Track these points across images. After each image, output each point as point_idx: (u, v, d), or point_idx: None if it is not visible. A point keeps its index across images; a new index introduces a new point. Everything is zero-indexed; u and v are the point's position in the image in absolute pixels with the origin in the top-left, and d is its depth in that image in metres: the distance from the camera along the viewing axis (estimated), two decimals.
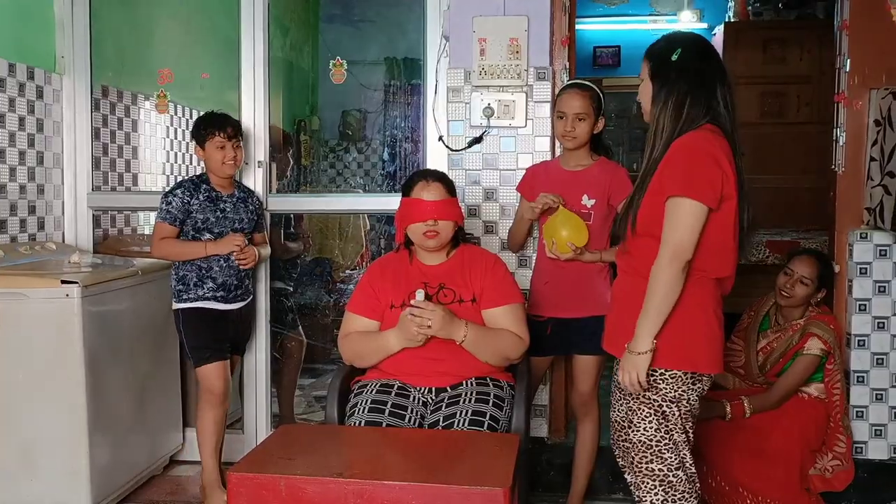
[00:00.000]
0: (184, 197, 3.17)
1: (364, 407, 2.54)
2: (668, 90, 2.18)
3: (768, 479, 3.03)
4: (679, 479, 2.24)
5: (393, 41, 5.18)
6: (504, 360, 2.67)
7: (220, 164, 3.20)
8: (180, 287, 3.20)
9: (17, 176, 3.47)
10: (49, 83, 3.66)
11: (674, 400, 2.21)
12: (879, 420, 3.29)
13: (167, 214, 3.17)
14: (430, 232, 2.65)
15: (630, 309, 2.21)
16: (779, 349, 3.19)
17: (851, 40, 3.25)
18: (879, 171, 3.16)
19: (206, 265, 3.19)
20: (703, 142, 2.13)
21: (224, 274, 3.21)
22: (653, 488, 2.25)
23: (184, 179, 3.28)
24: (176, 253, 3.18)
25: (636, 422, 2.25)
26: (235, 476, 2.00)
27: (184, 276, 3.19)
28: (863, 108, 3.24)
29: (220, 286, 3.20)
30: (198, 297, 3.19)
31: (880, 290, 3.26)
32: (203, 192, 3.21)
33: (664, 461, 2.23)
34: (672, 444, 2.23)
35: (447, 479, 1.99)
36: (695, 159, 2.11)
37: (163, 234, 3.17)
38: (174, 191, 3.19)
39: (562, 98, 2.94)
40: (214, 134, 3.19)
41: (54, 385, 2.98)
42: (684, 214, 2.10)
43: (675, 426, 2.23)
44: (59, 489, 3.00)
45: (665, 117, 2.18)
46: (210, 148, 3.20)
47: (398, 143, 5.15)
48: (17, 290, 2.96)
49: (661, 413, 2.22)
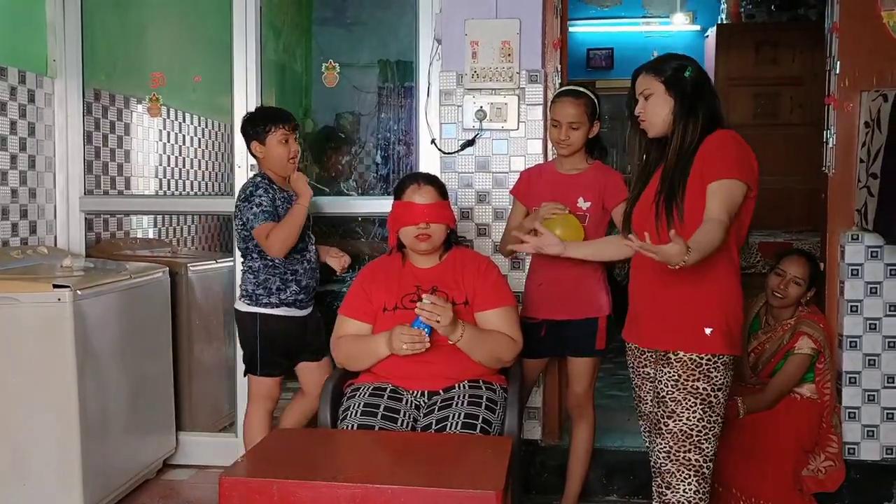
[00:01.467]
0: (268, 195, 2.97)
1: (357, 410, 2.54)
2: (690, 103, 2.34)
3: (761, 480, 3.04)
4: (710, 471, 2.35)
5: (385, 44, 5.17)
6: (497, 361, 2.67)
7: (285, 161, 3.03)
8: (260, 292, 3.04)
9: (8, 180, 3.46)
10: (41, 86, 3.65)
11: (721, 387, 2.32)
12: (872, 421, 3.29)
13: (263, 214, 2.93)
14: (422, 235, 2.65)
15: (689, 302, 2.30)
16: (770, 349, 3.20)
17: (842, 43, 3.26)
18: (866, 172, 3.17)
19: (291, 268, 3.05)
20: (742, 138, 2.35)
21: (307, 276, 3.09)
22: (687, 478, 2.32)
23: (250, 182, 3.05)
24: (290, 233, 2.93)
25: (679, 411, 2.31)
26: (227, 481, 2.00)
27: (266, 279, 3.03)
28: (853, 110, 3.26)
29: (303, 289, 3.08)
30: (280, 301, 3.04)
31: (872, 291, 3.27)
32: (278, 191, 3.03)
33: (702, 451, 2.32)
34: (711, 436, 2.33)
35: (440, 482, 1.98)
36: (742, 147, 2.32)
37: (268, 232, 2.93)
38: (255, 192, 2.97)
39: (555, 106, 2.95)
40: (279, 127, 3.02)
41: (46, 389, 2.97)
42: (733, 189, 2.25)
43: (717, 416, 2.33)
44: (52, 493, 3.00)
45: (689, 126, 2.33)
46: (272, 143, 3.02)
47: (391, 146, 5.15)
48: (9, 294, 2.95)
49: (708, 402, 2.31)
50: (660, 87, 2.37)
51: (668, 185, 2.33)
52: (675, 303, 2.33)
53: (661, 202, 2.32)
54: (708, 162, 2.28)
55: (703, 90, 2.38)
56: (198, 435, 3.79)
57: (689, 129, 2.34)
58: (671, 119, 2.36)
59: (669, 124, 2.37)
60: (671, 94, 2.36)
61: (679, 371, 2.31)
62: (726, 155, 2.28)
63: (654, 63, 2.43)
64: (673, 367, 2.32)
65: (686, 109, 2.34)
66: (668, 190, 2.32)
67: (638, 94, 2.42)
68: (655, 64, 2.42)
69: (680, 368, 2.31)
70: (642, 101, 2.41)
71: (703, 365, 2.29)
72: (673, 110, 2.35)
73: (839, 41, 3.26)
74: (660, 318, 2.37)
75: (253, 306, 3.06)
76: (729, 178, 2.25)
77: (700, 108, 2.34)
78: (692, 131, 2.34)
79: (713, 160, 2.28)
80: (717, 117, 2.38)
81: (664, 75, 2.37)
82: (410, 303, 2.65)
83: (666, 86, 2.36)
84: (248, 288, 3.07)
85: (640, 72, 2.43)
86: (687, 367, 2.30)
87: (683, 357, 2.31)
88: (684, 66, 2.37)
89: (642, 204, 2.42)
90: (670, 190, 2.32)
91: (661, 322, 2.36)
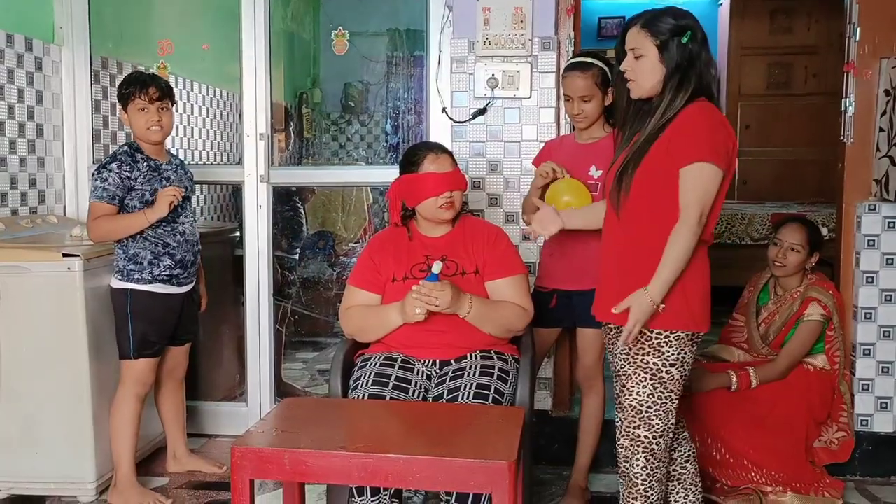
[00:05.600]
0: (121, 171, 2.87)
1: (368, 380, 2.53)
2: (682, 75, 2.21)
3: (773, 452, 3.03)
4: (660, 447, 2.30)
5: (395, 12, 5.11)
6: (508, 331, 2.66)
7: (144, 130, 2.92)
8: (131, 267, 2.92)
9: (17, 149, 3.44)
10: (48, 54, 3.62)
11: (674, 363, 2.25)
12: (885, 393, 3.27)
13: (104, 192, 2.85)
14: (447, 203, 2.64)
15: (625, 274, 2.25)
16: (780, 318, 3.18)
17: (862, 9, 3.19)
18: (887, 141, 3.12)
19: (163, 241, 2.94)
20: (717, 112, 2.23)
21: (182, 249, 2.98)
22: (635, 453, 2.29)
23: (115, 151, 2.97)
24: (116, 230, 2.89)
25: (630, 386, 2.28)
26: (239, 450, 1.99)
27: (136, 254, 2.92)
28: (873, 77, 3.20)
29: (177, 263, 2.97)
30: (153, 277, 2.93)
31: (888, 262, 3.23)
32: (141, 161, 2.93)
33: (651, 428, 2.27)
34: (662, 412, 2.27)
35: (451, 452, 1.97)
36: (716, 127, 2.19)
37: (99, 215, 2.87)
38: (108, 165, 2.88)
39: (565, 81, 2.90)
40: (136, 94, 2.90)
41: (57, 358, 2.98)
42: (708, 179, 2.16)
43: (670, 392, 2.26)
44: (63, 463, 3.02)
45: (676, 94, 2.22)
46: (132, 110, 2.92)
47: (401, 115, 5.10)
48: (19, 263, 2.95)
49: (659, 378, 2.25)
50: (652, 50, 2.21)
51: (629, 157, 2.24)
52: (629, 277, 2.24)
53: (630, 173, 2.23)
54: (680, 140, 2.17)
55: (699, 61, 2.21)
56: (209, 404, 3.80)
57: (676, 102, 2.20)
58: (659, 88, 2.23)
59: (657, 92, 2.24)
60: (663, 61, 2.20)
61: (629, 345, 2.26)
62: (699, 136, 2.16)
63: (650, 18, 2.23)
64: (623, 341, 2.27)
65: (677, 81, 2.20)
66: (625, 161, 2.24)
67: (628, 48, 2.26)
68: (651, 20, 2.22)
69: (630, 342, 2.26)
70: (631, 58, 2.25)
71: (651, 339, 2.22)
72: (662, 78, 2.22)
73: (860, 7, 3.19)
74: (615, 292, 2.28)
75: (125, 282, 2.94)
76: (701, 160, 2.14)
77: (692, 80, 2.20)
78: (671, 102, 2.20)
79: (687, 138, 2.16)
80: (708, 91, 2.23)
81: (659, 38, 2.20)
82: (420, 272, 2.63)
83: (659, 50, 2.20)
84: (119, 263, 2.95)
85: (633, 24, 2.26)
86: (636, 340, 2.24)
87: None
88: (682, 30, 2.19)
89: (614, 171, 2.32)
90: (626, 162, 2.24)
91: (616, 296, 2.27)
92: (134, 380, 2.99)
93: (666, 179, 2.19)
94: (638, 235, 2.25)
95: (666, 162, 2.19)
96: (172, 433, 3.29)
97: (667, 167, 2.19)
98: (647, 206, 2.22)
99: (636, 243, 2.25)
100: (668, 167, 2.19)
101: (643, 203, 2.23)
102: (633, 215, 2.25)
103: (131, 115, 2.93)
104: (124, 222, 2.88)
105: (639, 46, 2.23)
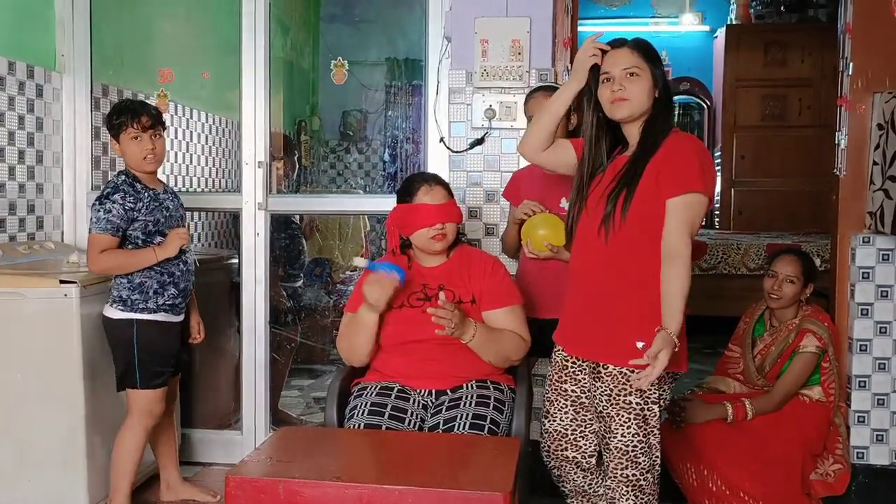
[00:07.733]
0: (125, 203, 2.82)
1: (364, 409, 2.52)
2: (668, 94, 2.31)
3: (769, 484, 3.01)
4: (648, 482, 2.30)
5: (394, 42, 5.17)
6: (506, 360, 2.66)
7: (140, 160, 2.88)
8: (136, 297, 2.88)
9: (16, 175, 3.46)
10: (49, 81, 3.64)
11: (656, 401, 2.27)
12: (881, 425, 3.27)
13: (108, 224, 2.80)
14: (439, 235, 2.65)
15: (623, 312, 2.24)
16: (776, 350, 3.18)
17: (855, 43, 3.23)
18: (881, 175, 3.15)
19: (168, 271, 2.91)
20: (700, 141, 2.34)
21: (184, 278, 2.97)
22: (625, 494, 2.29)
23: (114, 182, 2.90)
24: (125, 265, 2.84)
25: (614, 428, 2.28)
26: (233, 479, 1.98)
27: (142, 283, 2.87)
28: (866, 111, 3.23)
29: (181, 292, 2.95)
30: (157, 307, 2.89)
31: (883, 294, 3.24)
32: (142, 191, 2.89)
33: (638, 465, 2.28)
34: (647, 448, 2.28)
35: (447, 483, 1.97)
36: (706, 158, 2.26)
37: (102, 248, 2.81)
38: (110, 196, 2.83)
39: (530, 102, 2.97)
40: (128, 123, 2.86)
41: (52, 385, 2.97)
42: (698, 210, 2.22)
43: (653, 428, 2.28)
44: (57, 489, 2.99)
45: (667, 117, 2.30)
46: (124, 140, 2.87)
47: (399, 144, 5.14)
48: (15, 289, 2.95)
49: (643, 417, 2.26)
50: (648, 73, 2.26)
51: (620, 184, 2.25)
52: (608, 313, 2.25)
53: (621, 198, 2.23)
54: (668, 169, 2.20)
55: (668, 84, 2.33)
56: (204, 431, 3.78)
57: (662, 122, 2.27)
58: (648, 112, 2.27)
59: (643, 115, 2.27)
60: (657, 86, 2.27)
61: (610, 385, 2.26)
62: (691, 167, 2.20)
63: (641, 42, 2.30)
64: (604, 382, 2.28)
65: (664, 104, 2.29)
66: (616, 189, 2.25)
67: (621, 68, 2.25)
68: (643, 44, 2.29)
69: (611, 382, 2.26)
70: (624, 76, 2.24)
71: (632, 379, 2.21)
72: (652, 102, 2.27)
73: (852, 42, 3.23)
74: (591, 328, 2.29)
75: (128, 312, 2.89)
76: (693, 191, 2.19)
77: (671, 102, 2.32)
78: (660, 126, 2.27)
79: (675, 167, 2.20)
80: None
81: (654, 65, 2.27)
82: (417, 301, 2.64)
83: (653, 77, 2.26)
84: (122, 293, 2.89)
85: (625, 45, 2.28)
86: (617, 380, 2.24)
87: (613, 371, 2.25)
88: (659, 56, 2.32)
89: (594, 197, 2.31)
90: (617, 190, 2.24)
91: (593, 332, 2.28)
92: (142, 411, 2.94)
93: (655, 208, 2.21)
94: (629, 265, 2.25)
95: (654, 190, 2.21)
96: (164, 462, 3.27)
97: (655, 195, 2.20)
98: (638, 233, 2.23)
99: (627, 272, 2.24)
100: (657, 195, 2.20)
101: (635, 231, 2.23)
102: (627, 243, 2.24)
103: (124, 144, 2.89)
104: (134, 259, 2.85)
105: (638, 66, 2.25)
